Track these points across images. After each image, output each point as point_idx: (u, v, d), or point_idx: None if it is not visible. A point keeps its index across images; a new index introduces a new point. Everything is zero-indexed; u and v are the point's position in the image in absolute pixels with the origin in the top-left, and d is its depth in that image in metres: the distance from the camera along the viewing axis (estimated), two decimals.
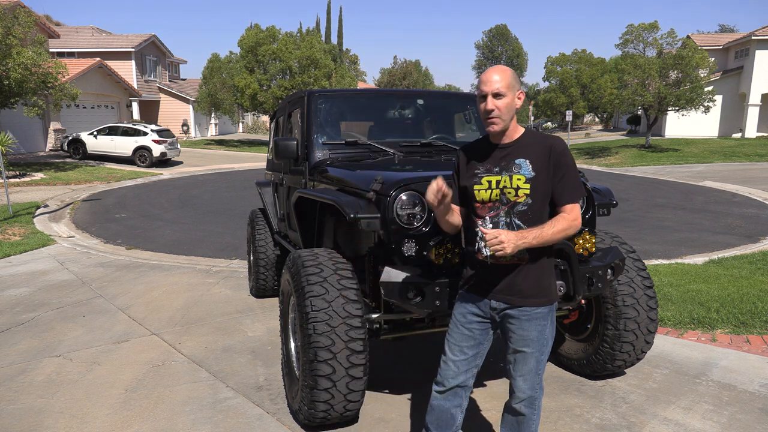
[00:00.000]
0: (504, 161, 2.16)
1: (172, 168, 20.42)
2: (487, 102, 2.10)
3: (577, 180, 2.16)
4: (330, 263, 2.93)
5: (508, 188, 2.12)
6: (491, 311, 2.21)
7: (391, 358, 4.05)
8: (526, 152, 2.14)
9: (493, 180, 2.15)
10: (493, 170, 2.17)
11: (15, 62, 14.55)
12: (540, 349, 2.20)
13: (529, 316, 2.15)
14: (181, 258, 7.51)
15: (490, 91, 2.10)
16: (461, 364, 2.27)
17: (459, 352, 2.27)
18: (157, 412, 3.30)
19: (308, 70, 27.70)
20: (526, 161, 2.13)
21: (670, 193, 14.34)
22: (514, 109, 2.14)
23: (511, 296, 2.15)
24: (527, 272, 2.14)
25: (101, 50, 30.34)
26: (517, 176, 2.11)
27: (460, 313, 2.28)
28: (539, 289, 2.16)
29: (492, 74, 2.12)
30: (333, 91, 4.49)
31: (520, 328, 2.17)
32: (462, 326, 2.26)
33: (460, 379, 2.28)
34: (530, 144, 2.16)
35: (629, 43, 25.05)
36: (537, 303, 2.15)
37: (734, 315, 4.60)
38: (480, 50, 74.51)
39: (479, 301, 2.22)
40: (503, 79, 2.10)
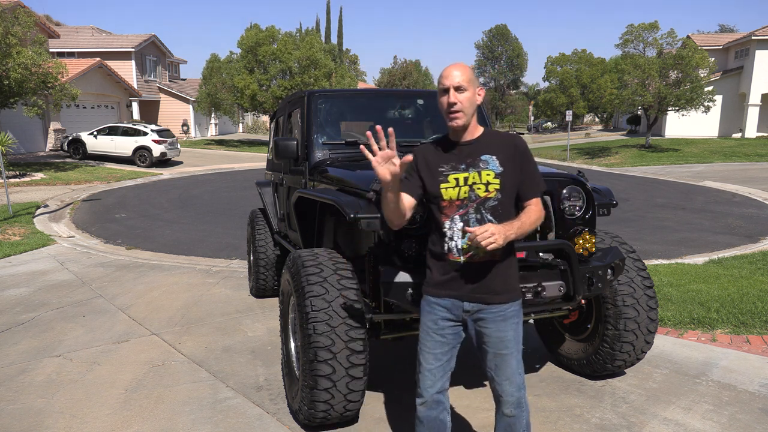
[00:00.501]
0: (470, 158, 2.16)
1: (172, 168, 20.42)
2: (450, 95, 2.11)
3: (539, 175, 2.22)
4: (330, 263, 2.93)
5: (477, 184, 2.12)
6: (464, 314, 2.19)
7: (391, 358, 4.05)
8: (491, 149, 2.17)
9: (461, 177, 2.14)
10: (459, 168, 2.16)
11: (15, 62, 14.55)
12: (517, 347, 2.21)
13: (504, 315, 2.16)
14: (181, 258, 7.52)
15: (452, 84, 2.10)
16: (437, 371, 2.25)
17: (434, 360, 2.25)
18: (157, 412, 3.30)
19: (308, 70, 27.70)
20: (492, 157, 2.15)
21: (670, 193, 14.34)
22: (475, 104, 2.15)
23: (485, 295, 2.15)
24: (498, 269, 2.15)
25: (101, 50, 30.34)
26: (486, 172, 2.13)
27: (431, 320, 2.24)
28: (509, 286, 2.19)
29: (452, 69, 2.13)
30: (333, 91, 4.49)
31: (497, 330, 2.16)
32: (434, 333, 2.23)
33: (438, 386, 2.26)
34: (494, 141, 2.19)
35: (629, 43, 25.06)
36: (508, 299, 2.17)
37: (734, 315, 4.60)
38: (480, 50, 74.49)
39: (450, 304, 2.20)
40: (464, 74, 2.11)
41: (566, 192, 3.02)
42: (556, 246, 2.80)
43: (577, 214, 3.04)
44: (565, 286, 2.77)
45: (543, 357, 4.02)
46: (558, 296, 2.78)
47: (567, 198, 3.02)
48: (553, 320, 3.78)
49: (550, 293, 2.75)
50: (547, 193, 2.99)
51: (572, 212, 3.03)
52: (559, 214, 3.01)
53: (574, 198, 3.03)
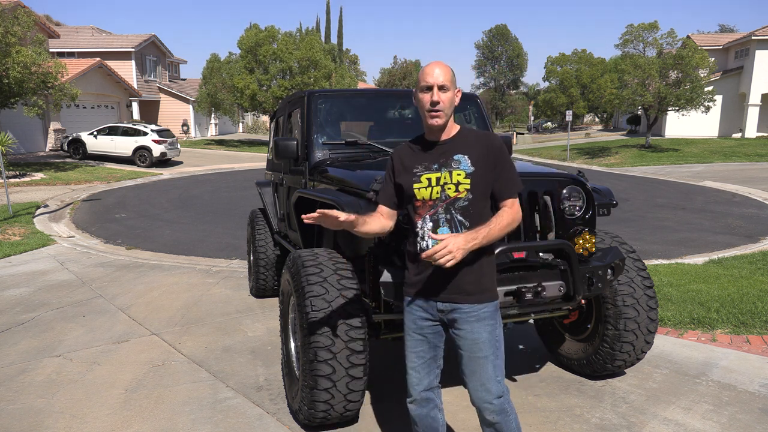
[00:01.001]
0: (443, 158, 2.16)
1: (172, 168, 20.42)
2: (434, 93, 2.10)
3: (515, 174, 2.16)
4: (330, 263, 2.93)
5: (448, 184, 2.11)
6: (439, 313, 2.19)
7: (391, 358, 4.05)
8: (463, 148, 2.15)
9: (433, 177, 2.14)
10: (432, 167, 2.16)
11: (14, 61, 14.55)
12: (494, 352, 2.14)
13: (477, 316, 2.13)
14: (181, 258, 7.52)
15: (436, 83, 2.10)
16: (422, 369, 2.26)
17: (416, 358, 2.26)
18: (157, 412, 3.30)
19: (308, 70, 27.70)
20: (464, 156, 2.13)
21: (670, 193, 14.34)
22: (454, 104, 2.15)
23: (456, 295, 2.13)
24: (469, 270, 2.12)
25: (101, 50, 30.34)
26: (457, 171, 2.11)
27: (410, 320, 2.26)
28: (480, 286, 2.14)
29: (435, 68, 2.12)
30: (333, 91, 4.49)
31: (470, 332, 2.13)
32: (414, 333, 2.25)
33: (424, 383, 2.27)
34: (467, 140, 2.17)
35: (629, 43, 25.06)
36: (480, 299, 2.13)
37: (734, 315, 4.60)
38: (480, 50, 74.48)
39: (425, 304, 2.20)
40: (447, 73, 2.11)
41: (566, 192, 3.02)
42: (556, 246, 2.80)
43: (577, 214, 3.04)
44: (565, 286, 2.77)
45: (543, 357, 4.02)
46: (558, 296, 2.78)
47: (567, 198, 3.02)
48: (553, 320, 3.78)
49: (550, 293, 2.75)
50: (547, 193, 2.99)
51: (572, 212, 3.03)
52: (559, 214, 3.01)
53: (574, 198, 3.03)
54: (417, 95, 2.18)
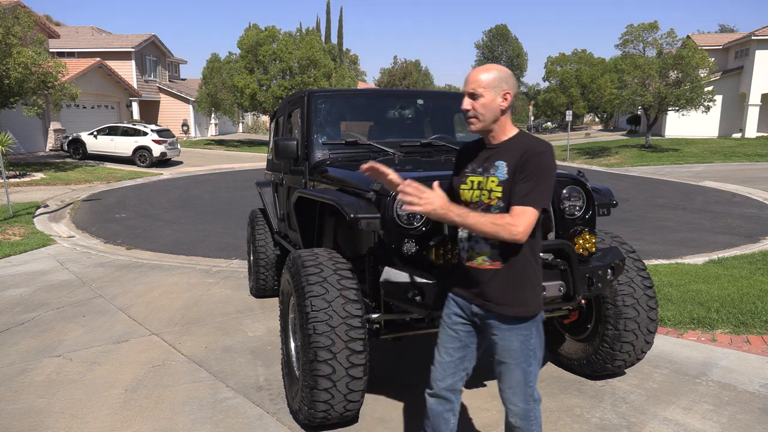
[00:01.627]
0: (487, 162, 2.13)
1: (172, 168, 20.42)
2: (464, 101, 2.10)
3: (539, 186, 1.98)
4: (330, 263, 2.93)
5: (484, 190, 2.10)
6: (472, 316, 2.19)
7: (391, 358, 4.05)
8: (507, 154, 2.09)
9: (475, 180, 2.14)
10: (477, 170, 2.15)
11: (15, 62, 14.55)
12: (526, 360, 2.11)
13: (509, 326, 2.09)
14: (181, 258, 7.51)
15: (467, 90, 2.09)
16: (448, 366, 2.25)
17: (446, 354, 2.26)
18: (157, 412, 3.30)
19: (308, 70, 27.70)
20: (504, 164, 2.07)
21: (670, 193, 14.34)
22: (496, 109, 2.06)
23: (487, 302, 2.10)
24: (500, 279, 2.07)
25: (101, 50, 30.34)
26: (492, 178, 2.08)
27: (446, 314, 2.27)
28: (515, 299, 2.07)
29: (473, 74, 2.08)
30: (333, 91, 4.49)
31: (501, 339, 2.11)
32: (448, 327, 2.25)
33: (448, 381, 2.26)
34: (513, 146, 2.10)
35: (629, 43, 25.06)
36: (513, 313, 2.07)
37: (734, 315, 4.60)
38: (480, 50, 74.49)
39: (461, 303, 2.21)
40: (484, 79, 2.05)
41: (566, 192, 3.02)
42: (556, 246, 2.80)
43: (577, 214, 3.04)
44: (565, 286, 2.77)
45: (543, 357, 4.02)
46: (558, 296, 2.78)
47: (567, 198, 3.02)
48: (553, 320, 3.78)
49: (550, 293, 2.75)
50: None
51: (572, 212, 3.03)
52: (559, 214, 3.01)
53: (574, 198, 3.03)
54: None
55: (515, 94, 2.11)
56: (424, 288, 2.61)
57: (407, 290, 2.61)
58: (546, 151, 2.03)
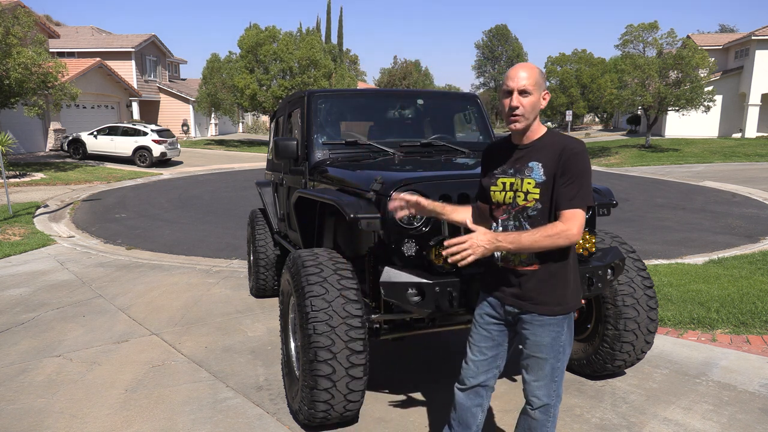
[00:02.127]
0: (519, 163, 2.11)
1: (172, 168, 20.42)
2: (513, 98, 2.04)
3: (584, 187, 2.01)
4: (330, 263, 2.93)
5: (519, 192, 2.08)
6: (506, 315, 2.19)
7: (391, 358, 4.05)
8: (541, 155, 2.06)
9: (507, 182, 2.12)
10: (508, 172, 2.13)
11: (15, 62, 14.55)
12: (555, 355, 2.13)
13: (542, 322, 2.10)
14: (181, 258, 7.51)
15: (517, 87, 2.03)
16: (481, 365, 2.27)
17: (478, 353, 2.27)
18: (157, 412, 3.30)
19: (308, 70, 27.70)
20: (539, 165, 2.05)
21: (670, 193, 14.34)
22: (538, 108, 2.07)
23: (523, 302, 2.12)
24: (537, 279, 2.08)
25: (101, 50, 30.33)
26: (528, 180, 2.06)
27: (478, 314, 2.28)
28: (552, 298, 2.09)
29: (519, 70, 2.05)
30: (333, 91, 4.49)
31: (533, 334, 2.12)
32: (480, 327, 2.26)
33: (480, 378, 2.28)
34: (547, 146, 2.07)
35: (629, 43, 25.04)
36: (549, 311, 2.08)
37: (734, 315, 4.60)
38: (480, 50, 74.46)
39: (494, 303, 2.22)
40: (531, 77, 2.03)
41: None
42: None
43: None
44: None
45: None
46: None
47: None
48: None
49: None
50: None
51: None
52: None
53: None
54: (500, 99, 2.13)
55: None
56: (424, 288, 2.62)
57: (407, 290, 2.61)
58: (583, 149, 2.05)
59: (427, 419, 3.15)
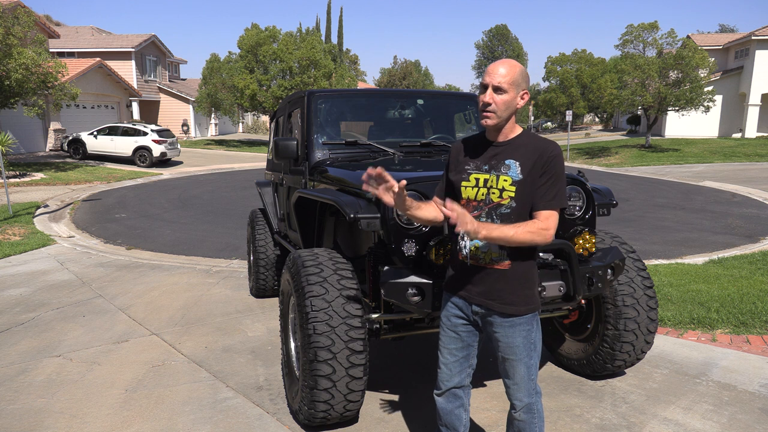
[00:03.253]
0: (494, 160, 2.11)
1: (172, 168, 20.42)
2: (486, 94, 2.05)
3: (560, 190, 2.06)
4: (330, 263, 2.93)
5: (493, 188, 2.08)
6: (473, 315, 2.19)
7: (391, 358, 4.05)
8: (517, 154, 2.08)
9: (481, 178, 2.11)
10: (482, 168, 2.12)
11: (16, 62, 14.54)
12: (528, 354, 2.14)
13: (512, 323, 2.11)
14: (181, 258, 7.51)
15: (492, 83, 2.03)
16: (453, 366, 2.28)
17: (449, 355, 2.27)
18: (157, 412, 3.30)
19: (308, 70, 27.70)
20: (516, 163, 2.06)
21: (670, 193, 14.34)
22: (514, 107, 2.07)
23: (491, 301, 2.11)
24: (507, 278, 2.09)
25: (101, 50, 30.33)
26: (504, 177, 2.06)
27: (445, 316, 2.28)
28: (520, 298, 2.10)
29: (499, 67, 2.04)
30: (333, 91, 4.49)
31: (504, 336, 2.13)
32: (448, 329, 2.26)
33: (455, 380, 2.29)
34: (524, 145, 2.09)
35: (629, 43, 25.05)
36: (517, 311, 2.09)
37: (734, 315, 4.60)
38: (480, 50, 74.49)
39: (461, 304, 2.21)
40: (509, 75, 2.02)
41: None
42: (556, 246, 2.80)
43: (577, 214, 3.04)
44: (565, 286, 2.77)
45: (543, 357, 4.02)
46: (558, 296, 2.78)
47: (567, 198, 3.01)
48: (553, 320, 3.78)
49: (550, 293, 2.75)
50: None
51: (572, 212, 3.03)
52: (559, 214, 3.00)
53: (574, 198, 3.03)
54: (479, 93, 2.13)
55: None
56: (424, 288, 2.62)
57: (407, 290, 2.61)
58: (560, 152, 2.09)
59: (427, 419, 3.15)
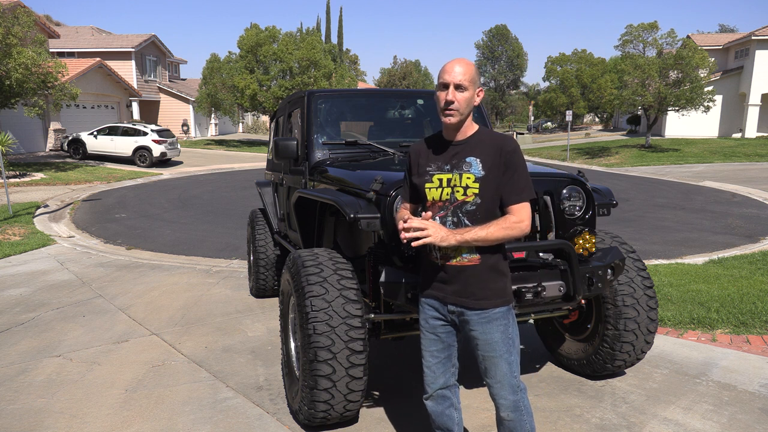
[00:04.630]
0: (455, 159, 2.12)
1: (172, 168, 20.42)
2: (449, 92, 2.06)
3: (526, 181, 2.09)
4: (330, 263, 2.93)
5: (457, 186, 2.09)
6: (449, 314, 2.19)
7: (391, 358, 4.05)
8: (477, 150, 2.10)
9: (444, 178, 2.12)
10: (444, 168, 2.13)
11: (16, 62, 14.54)
12: (508, 350, 2.14)
13: (488, 317, 2.12)
14: (181, 258, 7.51)
15: (453, 81, 2.05)
16: (437, 368, 2.28)
17: (431, 357, 2.28)
18: (157, 412, 3.30)
19: (308, 70, 27.70)
20: (476, 160, 2.08)
21: (670, 193, 14.34)
22: (472, 104, 2.10)
23: (465, 299, 2.12)
24: (478, 274, 2.10)
25: (101, 50, 30.33)
26: (467, 175, 2.08)
27: (423, 319, 2.28)
28: (493, 291, 2.11)
29: (455, 65, 2.07)
30: (333, 91, 4.49)
31: (482, 333, 2.13)
32: (427, 332, 2.27)
33: (440, 381, 2.29)
34: (482, 142, 2.12)
35: (629, 43, 25.05)
36: (492, 305, 2.11)
37: (734, 315, 4.60)
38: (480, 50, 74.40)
39: (436, 305, 2.21)
40: (467, 72, 2.06)
41: (566, 192, 3.01)
42: (556, 246, 2.80)
43: (577, 214, 3.03)
44: (565, 286, 2.77)
45: (543, 357, 4.02)
46: (558, 296, 2.78)
47: (567, 198, 3.01)
48: (553, 320, 3.78)
49: (550, 293, 2.75)
50: (547, 193, 2.99)
51: (572, 212, 3.03)
52: (559, 214, 3.01)
53: (574, 198, 3.03)
54: (436, 92, 2.14)
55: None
56: None
57: (407, 290, 2.61)
58: (517, 146, 2.12)
59: (427, 419, 3.14)
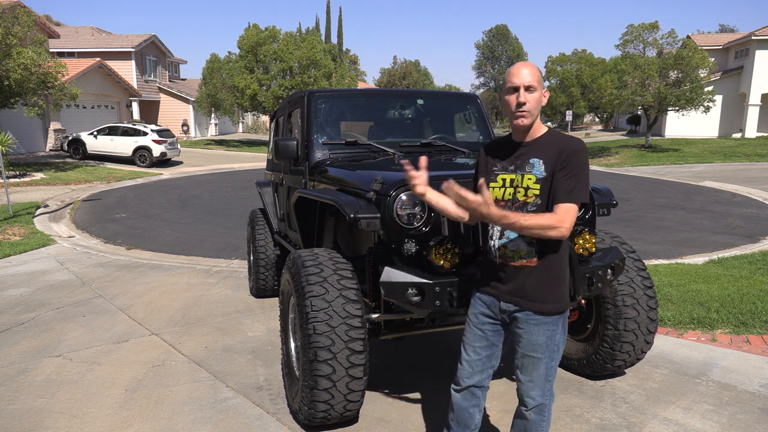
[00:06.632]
0: (519, 159, 2.14)
1: (172, 168, 20.42)
2: (520, 94, 2.07)
3: (581, 183, 2.04)
4: (330, 263, 2.93)
5: (519, 188, 2.10)
6: (501, 313, 2.20)
7: (391, 358, 4.05)
8: (541, 152, 2.10)
9: (508, 178, 2.14)
10: (508, 168, 2.15)
11: (15, 62, 14.53)
12: (550, 354, 2.15)
13: (538, 320, 2.12)
14: (181, 258, 7.51)
15: (523, 83, 2.06)
16: (475, 365, 2.28)
17: (473, 353, 2.28)
18: (157, 412, 3.30)
19: (308, 70, 27.70)
20: (539, 161, 2.09)
21: (670, 193, 14.34)
22: (541, 105, 2.12)
23: (519, 298, 2.13)
24: (536, 275, 2.10)
25: (101, 50, 30.33)
26: (528, 176, 2.09)
27: (472, 314, 2.29)
28: (548, 295, 2.11)
29: (522, 68, 2.10)
30: (333, 91, 4.49)
31: (528, 333, 2.13)
32: (475, 327, 2.27)
33: (475, 379, 2.29)
34: (548, 143, 2.12)
35: (629, 43, 25.04)
36: (545, 309, 2.10)
37: (734, 315, 4.60)
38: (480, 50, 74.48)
39: (489, 302, 2.22)
40: (534, 74, 2.08)
41: None
42: None
43: None
44: None
45: None
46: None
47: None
48: None
49: None
50: None
51: None
52: None
53: None
54: (503, 97, 2.14)
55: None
56: (424, 288, 2.61)
57: (407, 290, 2.61)
58: (583, 148, 2.09)
59: (427, 419, 3.15)
